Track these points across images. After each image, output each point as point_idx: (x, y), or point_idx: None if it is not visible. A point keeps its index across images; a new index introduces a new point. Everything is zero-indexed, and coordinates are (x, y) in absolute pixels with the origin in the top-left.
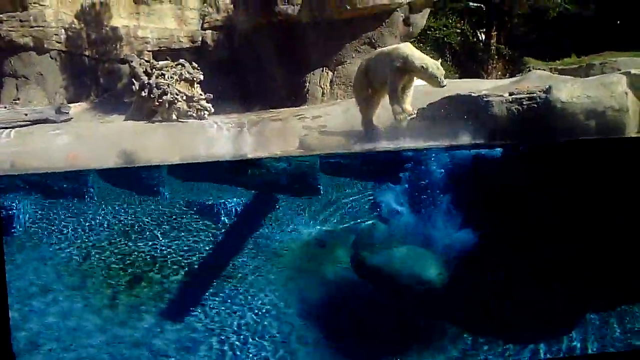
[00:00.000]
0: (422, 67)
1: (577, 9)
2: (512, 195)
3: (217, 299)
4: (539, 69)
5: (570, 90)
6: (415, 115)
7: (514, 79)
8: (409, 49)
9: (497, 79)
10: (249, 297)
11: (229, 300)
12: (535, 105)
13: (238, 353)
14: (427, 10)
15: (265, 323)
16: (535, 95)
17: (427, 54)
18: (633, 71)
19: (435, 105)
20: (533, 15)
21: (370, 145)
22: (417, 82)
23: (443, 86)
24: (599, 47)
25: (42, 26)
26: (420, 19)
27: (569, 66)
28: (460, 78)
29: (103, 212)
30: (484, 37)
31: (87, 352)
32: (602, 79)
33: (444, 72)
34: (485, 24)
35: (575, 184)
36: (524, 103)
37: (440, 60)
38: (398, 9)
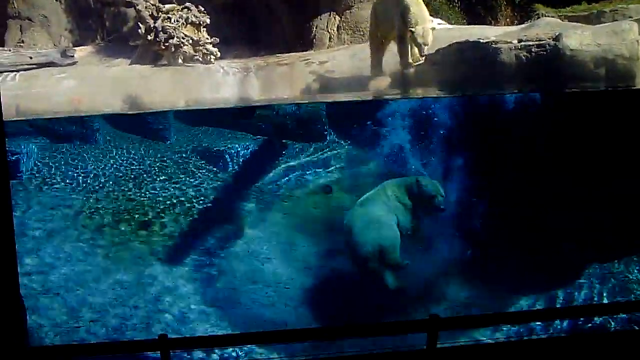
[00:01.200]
0: (411, 31)
1: None
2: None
3: (221, 243)
4: (549, 15)
5: (580, 38)
6: (423, 61)
7: (523, 25)
8: (414, 1)
9: (506, 25)
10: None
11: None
12: (544, 52)
13: (243, 298)
14: None
15: (271, 269)
16: (544, 42)
17: None
18: None
19: (444, 51)
20: None
21: (377, 91)
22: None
23: (423, 55)
24: None
25: None
26: None
27: (579, 13)
28: (468, 24)
29: (109, 156)
30: None
31: (93, 296)
32: (613, 26)
33: (429, 43)
34: None
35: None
36: (533, 50)
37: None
38: None
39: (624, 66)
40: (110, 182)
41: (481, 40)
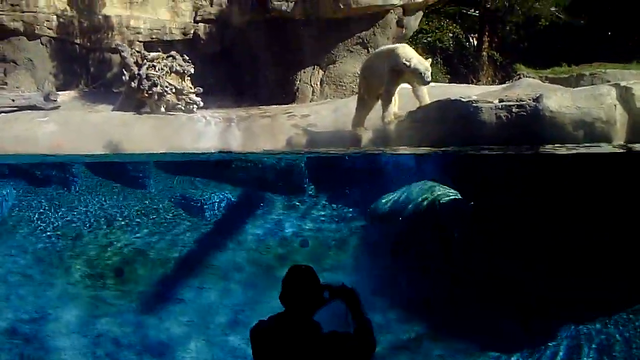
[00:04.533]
0: (405, 62)
1: (569, 19)
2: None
3: (196, 293)
4: (530, 76)
5: (560, 100)
6: (403, 118)
7: (504, 85)
8: (402, 49)
9: (487, 85)
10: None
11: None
12: (524, 113)
13: (217, 348)
14: (421, 13)
15: (246, 321)
16: (524, 103)
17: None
18: (622, 83)
19: (425, 109)
20: (525, 23)
21: (358, 146)
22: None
23: (427, 82)
24: (589, 57)
25: (33, 11)
26: (414, 22)
27: (559, 75)
28: (450, 82)
29: (87, 202)
30: (475, 43)
31: (66, 342)
32: (591, 90)
33: (429, 69)
34: (477, 29)
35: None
36: (513, 110)
37: (430, 61)
38: (392, 11)
39: (602, 129)
40: (87, 228)
41: (462, 99)
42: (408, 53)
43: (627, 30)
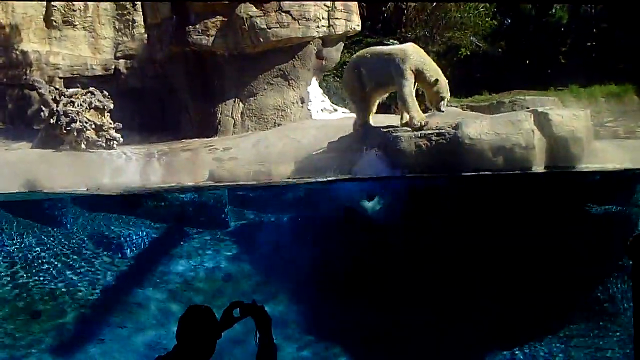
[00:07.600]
0: (432, 78)
1: (488, 48)
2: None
3: (117, 333)
4: (450, 105)
5: (479, 127)
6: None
7: (425, 114)
8: (420, 55)
9: None
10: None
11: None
12: (444, 141)
13: None
14: (342, 44)
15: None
16: (444, 131)
17: (340, 87)
18: (539, 109)
19: (345, 138)
20: (446, 52)
21: (280, 177)
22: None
23: (442, 111)
24: (508, 85)
25: None
26: (335, 53)
27: (480, 103)
28: None
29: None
30: None
31: None
32: (509, 117)
33: (448, 96)
34: None
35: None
36: (433, 139)
37: None
38: (311, 42)
39: (521, 155)
40: (2, 269)
41: (382, 128)
42: (433, 68)
43: (544, 58)
